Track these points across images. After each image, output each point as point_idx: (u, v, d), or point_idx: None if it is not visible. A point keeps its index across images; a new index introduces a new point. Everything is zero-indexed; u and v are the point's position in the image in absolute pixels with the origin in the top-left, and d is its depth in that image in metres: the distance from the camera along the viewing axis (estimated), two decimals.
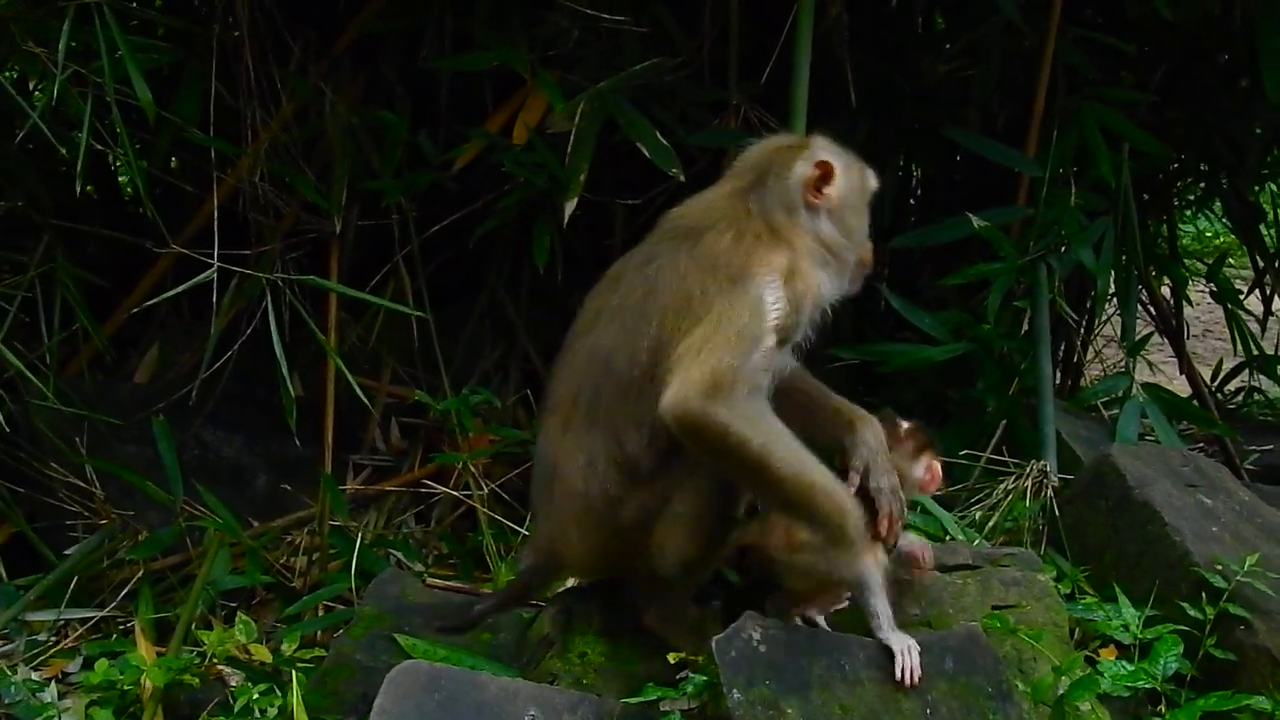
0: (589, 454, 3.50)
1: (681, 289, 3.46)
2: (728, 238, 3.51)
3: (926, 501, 4.52)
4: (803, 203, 3.60)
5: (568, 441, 3.56)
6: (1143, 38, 6.22)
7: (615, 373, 3.49)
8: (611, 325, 3.54)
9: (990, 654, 3.32)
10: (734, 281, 3.43)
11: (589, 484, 3.51)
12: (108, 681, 4.19)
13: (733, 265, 3.46)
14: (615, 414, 3.48)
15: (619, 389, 3.48)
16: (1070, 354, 6.99)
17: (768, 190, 3.60)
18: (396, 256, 5.69)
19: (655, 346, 3.43)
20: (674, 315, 3.44)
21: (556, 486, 3.59)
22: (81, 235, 5.67)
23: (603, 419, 3.50)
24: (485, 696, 3.28)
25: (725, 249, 3.49)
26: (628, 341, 3.48)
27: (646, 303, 3.49)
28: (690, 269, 3.48)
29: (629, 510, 3.48)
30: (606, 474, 3.49)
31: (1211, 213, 7.97)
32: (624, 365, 3.48)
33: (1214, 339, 10.21)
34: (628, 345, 3.48)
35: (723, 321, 3.37)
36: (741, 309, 3.39)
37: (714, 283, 3.44)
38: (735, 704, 3.12)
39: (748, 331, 3.37)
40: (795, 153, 3.67)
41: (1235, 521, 4.25)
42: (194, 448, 5.59)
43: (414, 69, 5.67)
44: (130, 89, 4.69)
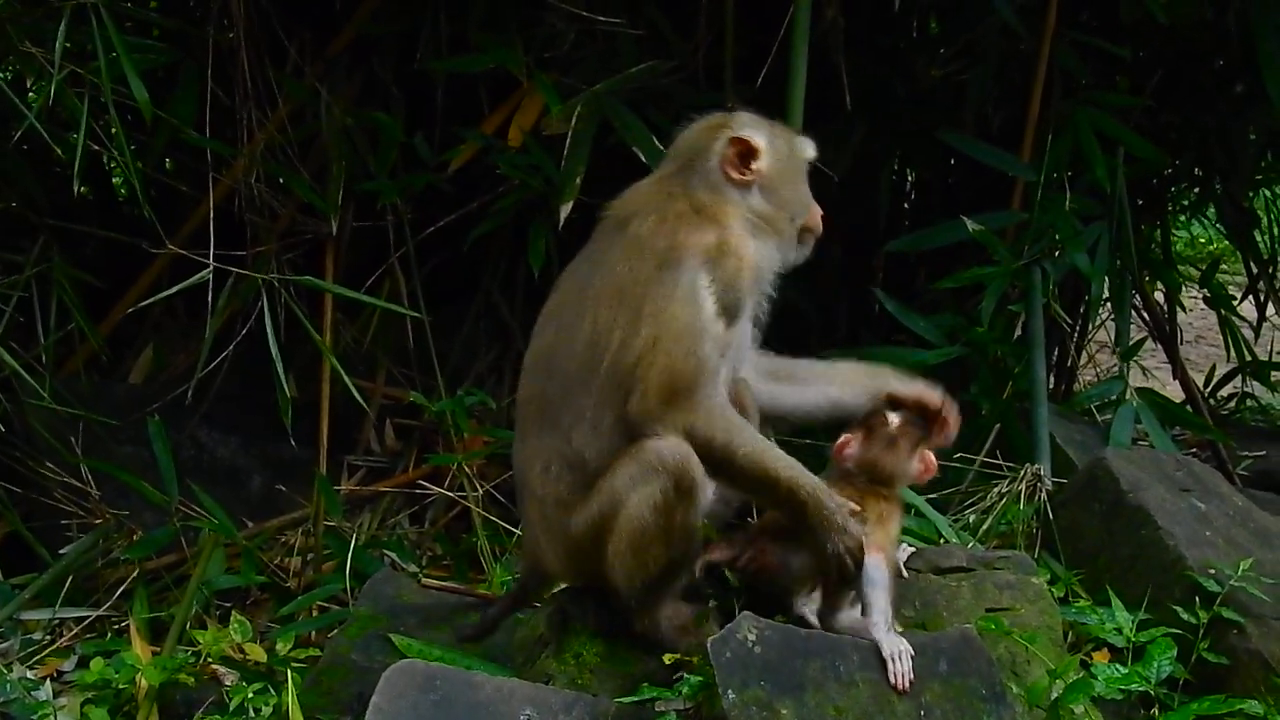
0: (545, 458, 3.53)
1: (612, 279, 3.50)
2: (651, 221, 3.53)
3: (921, 504, 4.52)
4: (726, 180, 3.61)
5: (529, 449, 3.59)
6: (1138, 42, 6.24)
7: (556, 372, 3.53)
8: (550, 326, 3.61)
9: (984, 656, 3.32)
10: (662, 267, 3.45)
11: (546, 489, 3.53)
12: (103, 680, 4.20)
13: (659, 249, 3.48)
14: (562, 412, 3.50)
15: (562, 387, 3.51)
16: (1064, 358, 7.00)
17: (694, 172, 3.63)
18: (392, 258, 5.69)
19: (591, 339, 3.47)
20: (608, 306, 3.47)
21: (525, 495, 3.63)
22: (77, 236, 5.67)
23: (551, 420, 3.53)
24: (480, 696, 3.28)
25: (650, 233, 3.51)
26: (565, 339, 3.53)
27: (581, 298, 3.53)
28: (619, 258, 3.52)
29: (578, 523, 3.48)
30: (560, 477, 3.50)
31: (1205, 218, 7.98)
32: (563, 363, 3.52)
33: (1206, 345, 10.22)
34: (565, 342, 3.52)
35: (666, 318, 3.40)
36: (678, 303, 3.42)
37: (643, 268, 3.46)
38: (730, 704, 3.12)
39: (691, 327, 3.41)
40: (716, 131, 3.68)
41: (1228, 526, 4.27)
42: (189, 448, 5.59)
43: (409, 71, 5.67)
44: (126, 89, 4.69)
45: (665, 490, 3.36)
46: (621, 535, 3.41)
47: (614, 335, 3.44)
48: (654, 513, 3.37)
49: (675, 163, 3.70)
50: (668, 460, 3.36)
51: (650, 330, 3.40)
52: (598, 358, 3.45)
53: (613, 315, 3.45)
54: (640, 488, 3.38)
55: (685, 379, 3.37)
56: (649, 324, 3.40)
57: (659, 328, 3.39)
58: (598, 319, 3.47)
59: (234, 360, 5.31)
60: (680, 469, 3.36)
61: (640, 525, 3.39)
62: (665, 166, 3.75)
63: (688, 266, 3.45)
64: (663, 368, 3.36)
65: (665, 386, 3.36)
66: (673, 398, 3.36)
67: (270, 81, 5.40)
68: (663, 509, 3.37)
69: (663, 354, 3.37)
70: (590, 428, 3.46)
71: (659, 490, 3.36)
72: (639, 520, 3.38)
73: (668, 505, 3.37)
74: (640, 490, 3.38)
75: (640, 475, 3.38)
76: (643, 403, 3.37)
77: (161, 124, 5.09)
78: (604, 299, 3.48)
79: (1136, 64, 6.31)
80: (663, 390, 3.36)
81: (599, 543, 3.45)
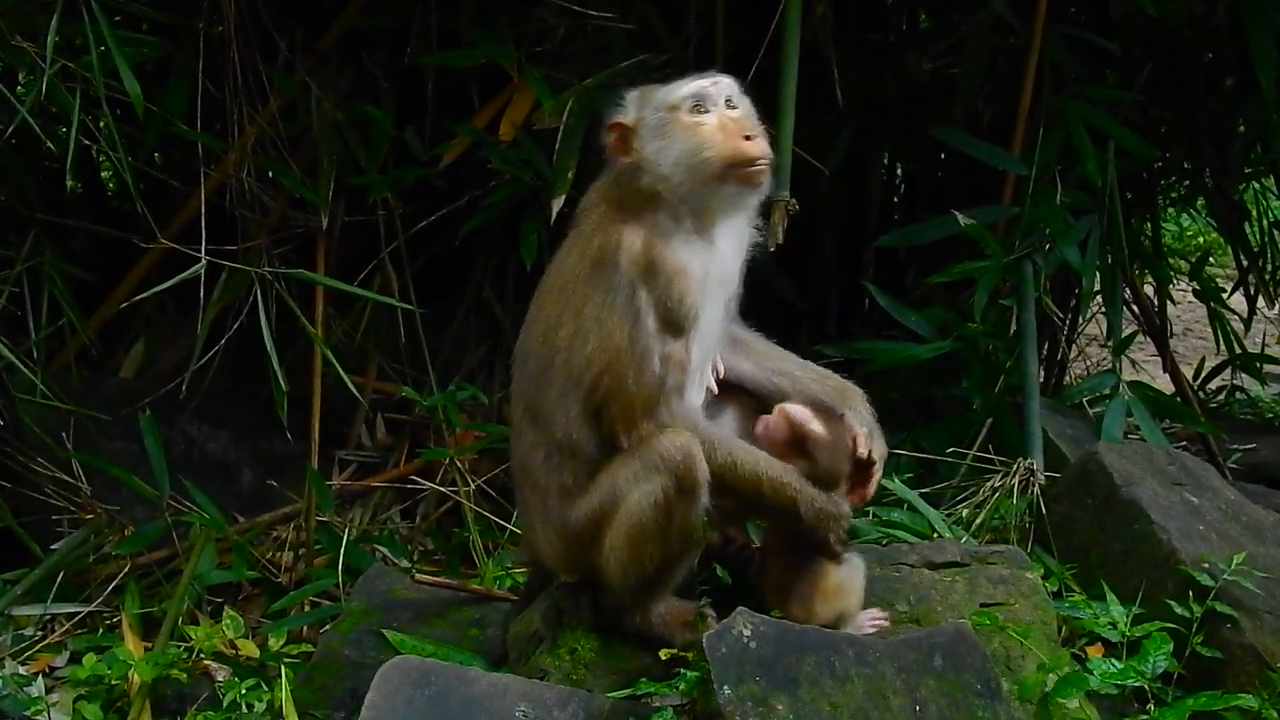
0: (545, 449, 3.54)
1: (559, 274, 3.57)
2: (593, 218, 3.57)
3: (914, 499, 4.53)
4: (627, 168, 3.56)
5: (526, 442, 3.61)
6: (1128, 37, 6.24)
7: (527, 370, 3.59)
8: (525, 328, 3.67)
9: (978, 651, 3.32)
10: (597, 267, 3.47)
11: (549, 478, 3.54)
12: (95, 676, 4.20)
13: (594, 247, 3.50)
14: (539, 405, 3.54)
15: (533, 382, 3.56)
16: (1055, 352, 7.01)
17: (610, 167, 3.65)
18: (383, 253, 5.68)
19: (544, 335, 3.53)
20: (553, 301, 3.54)
21: (526, 486, 3.64)
22: (67, 230, 5.65)
23: (534, 413, 3.57)
24: (475, 692, 3.28)
25: (590, 230, 3.55)
26: (527, 335, 3.62)
27: (540, 296, 3.61)
28: (566, 253, 3.59)
29: (579, 515, 3.49)
30: (563, 466, 3.51)
31: (1195, 211, 8.00)
32: (529, 360, 3.59)
33: (1195, 338, 10.25)
34: (528, 339, 3.61)
35: (606, 337, 3.41)
36: (618, 318, 3.42)
37: (583, 266, 3.50)
38: (725, 700, 3.12)
39: (635, 348, 3.41)
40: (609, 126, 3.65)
41: (1221, 520, 4.28)
42: (180, 443, 5.58)
43: (400, 65, 5.66)
44: (117, 84, 4.68)
45: (666, 488, 3.35)
46: (619, 530, 3.41)
47: (560, 332, 3.48)
48: (654, 510, 3.37)
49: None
50: (671, 458, 3.35)
51: (596, 347, 3.41)
52: (550, 353, 3.50)
53: (558, 310, 3.51)
54: (641, 484, 3.38)
55: (641, 402, 3.40)
56: (594, 339, 3.42)
57: (605, 349, 3.41)
58: (547, 314, 3.54)
59: (224, 355, 5.31)
60: (683, 468, 3.35)
61: (639, 521, 3.38)
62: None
63: (623, 276, 3.43)
64: (619, 396, 3.39)
65: (625, 412, 3.39)
66: (634, 421, 3.39)
67: (261, 76, 5.40)
68: (663, 507, 3.36)
69: (615, 380, 3.40)
70: (563, 417, 3.48)
71: (660, 488, 3.36)
72: (638, 516, 3.38)
73: (668, 503, 3.36)
74: (641, 486, 3.38)
75: (643, 471, 3.38)
76: (610, 425, 3.42)
77: (152, 118, 5.08)
78: (551, 293, 3.56)
79: (1126, 58, 6.31)
80: (624, 416, 3.39)
81: (596, 535, 3.45)
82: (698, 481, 3.37)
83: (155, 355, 5.85)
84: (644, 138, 3.55)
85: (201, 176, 5.19)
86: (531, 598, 3.80)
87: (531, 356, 3.58)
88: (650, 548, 3.41)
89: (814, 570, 3.53)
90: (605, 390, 3.41)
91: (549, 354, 3.50)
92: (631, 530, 3.40)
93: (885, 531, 4.35)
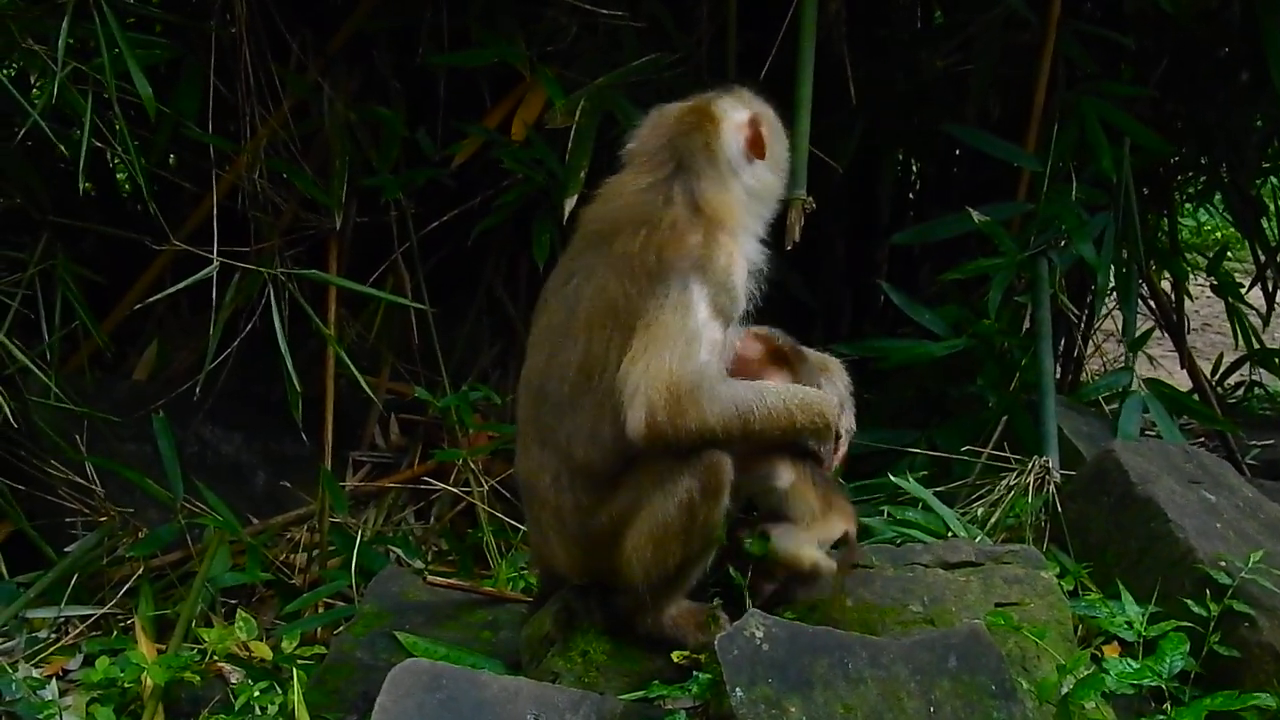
0: (553, 471, 3.51)
1: (603, 299, 3.43)
2: (641, 234, 3.44)
3: (928, 498, 4.51)
4: (747, 162, 3.59)
5: (531, 462, 3.57)
6: (1142, 32, 6.21)
7: (549, 396, 3.49)
8: (541, 351, 3.55)
9: (993, 652, 3.30)
10: (654, 279, 3.39)
11: (560, 496, 3.51)
12: (108, 679, 4.20)
13: (649, 264, 3.40)
14: (557, 433, 3.48)
15: (555, 410, 3.48)
16: (1070, 349, 6.98)
17: (694, 173, 3.54)
18: (395, 253, 5.67)
19: (584, 362, 3.42)
20: (600, 327, 3.41)
21: (534, 503, 3.61)
22: (80, 232, 5.66)
23: (549, 439, 3.50)
24: (486, 695, 3.26)
25: (641, 248, 3.42)
26: (555, 364, 3.48)
27: (570, 322, 3.47)
28: (609, 276, 3.43)
29: (599, 520, 3.47)
30: (573, 485, 3.48)
31: (1212, 206, 7.96)
32: (555, 387, 3.48)
33: (1213, 333, 10.21)
34: (556, 368, 3.48)
35: (657, 327, 3.35)
36: (671, 311, 3.37)
37: (634, 286, 3.40)
38: (738, 702, 3.10)
39: (686, 333, 3.36)
40: (713, 124, 3.60)
41: (1238, 518, 4.24)
42: (193, 445, 5.58)
43: (411, 65, 5.66)
44: (129, 86, 4.68)
45: (691, 490, 3.36)
46: (642, 530, 3.41)
47: (609, 357, 3.39)
48: (679, 510, 3.37)
49: (664, 166, 3.56)
50: (699, 460, 3.35)
51: (645, 344, 3.35)
52: (591, 380, 3.41)
53: (606, 337, 3.40)
54: (667, 484, 3.37)
55: (687, 385, 3.32)
56: (642, 337, 3.36)
57: (654, 342, 3.35)
58: (591, 343, 3.42)
59: (237, 357, 5.31)
60: (710, 469, 3.36)
61: (664, 521, 3.38)
62: (650, 169, 3.59)
63: (678, 273, 3.39)
64: (664, 381, 3.31)
65: (671, 399, 3.31)
66: (678, 404, 3.31)
67: (273, 77, 5.39)
68: (688, 507, 3.37)
69: (662, 368, 3.32)
70: (590, 440, 3.43)
71: (685, 489, 3.36)
72: (663, 516, 3.38)
73: (693, 504, 3.37)
74: (666, 486, 3.37)
75: (669, 472, 3.37)
76: (643, 413, 3.30)
77: (164, 120, 5.08)
78: (596, 323, 3.42)
79: (1141, 53, 6.28)
80: (670, 403, 3.30)
81: (617, 537, 3.45)
82: (723, 483, 3.38)
83: (168, 357, 5.85)
84: (770, 142, 3.64)
85: (213, 178, 5.19)
86: (544, 601, 3.79)
87: (561, 383, 3.46)
88: (673, 547, 3.41)
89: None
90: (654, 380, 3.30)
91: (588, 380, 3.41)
92: (655, 530, 3.40)
93: (900, 531, 4.33)
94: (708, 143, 3.57)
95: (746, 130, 3.60)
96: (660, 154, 3.58)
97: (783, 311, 3.79)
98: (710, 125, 3.59)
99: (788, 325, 3.91)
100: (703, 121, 3.60)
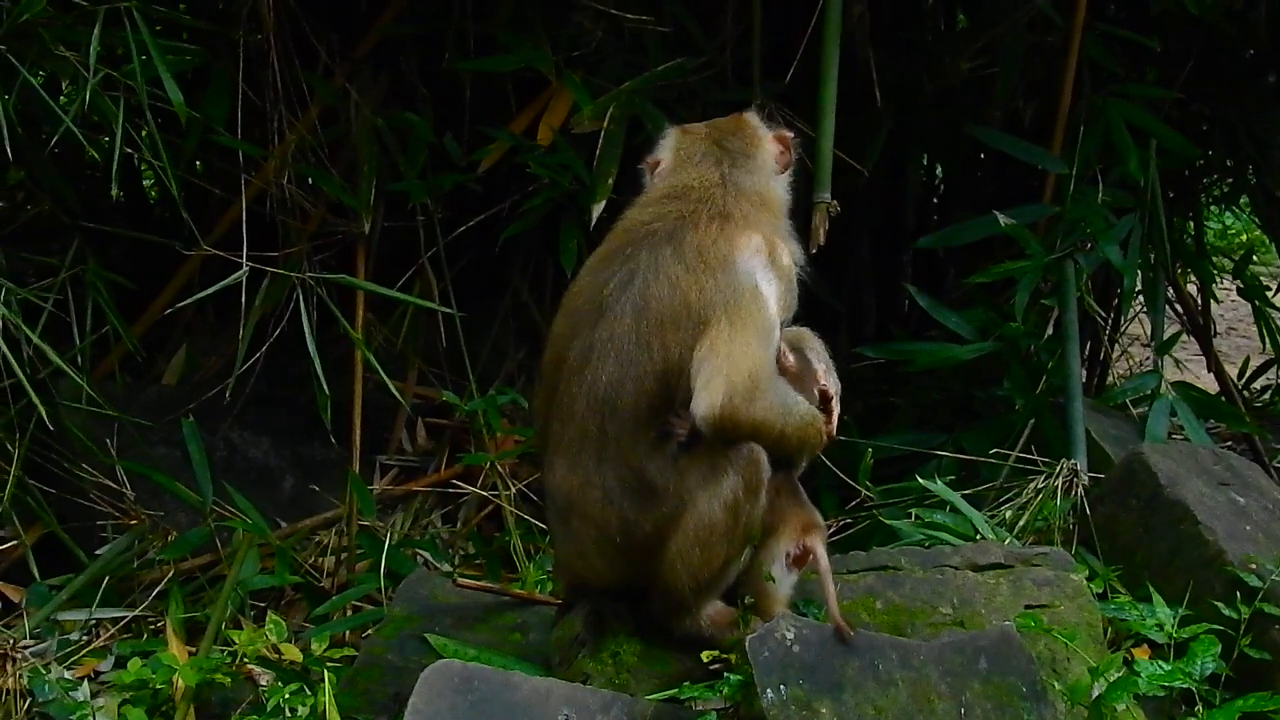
0: (603, 488, 3.48)
1: (675, 299, 3.42)
2: (714, 226, 3.49)
3: (957, 501, 4.50)
4: (776, 175, 3.71)
5: (578, 478, 3.52)
6: (1167, 33, 6.19)
7: (622, 410, 3.43)
8: (606, 360, 3.45)
9: (1024, 654, 3.30)
10: (726, 271, 3.43)
11: (606, 513, 3.49)
12: (140, 680, 4.22)
13: (721, 254, 3.45)
14: (627, 447, 3.44)
15: (630, 423, 3.43)
16: (1097, 352, 6.97)
17: (743, 176, 3.63)
18: (422, 258, 5.69)
19: (662, 370, 3.40)
20: (674, 328, 3.40)
21: (574, 518, 3.57)
22: (109, 238, 5.69)
23: (612, 454, 3.46)
24: (518, 697, 3.28)
25: (709, 243, 3.46)
26: (630, 373, 3.43)
27: (640, 326, 3.43)
28: (680, 274, 3.43)
29: (645, 529, 3.47)
30: (623, 501, 3.47)
31: (1238, 209, 7.93)
32: (631, 399, 3.42)
33: (1239, 336, 10.17)
34: (631, 378, 3.42)
35: (736, 319, 3.38)
36: (747, 303, 3.41)
37: (709, 280, 3.42)
38: (769, 704, 3.11)
39: (763, 326, 3.41)
40: (755, 134, 3.73)
41: (1268, 520, 4.23)
42: (222, 449, 5.61)
43: (437, 70, 5.68)
44: (159, 92, 4.71)
45: (735, 489, 3.40)
46: (688, 533, 3.43)
47: (686, 355, 3.39)
48: (724, 510, 3.41)
49: (712, 170, 3.62)
50: (739, 458, 3.39)
51: (728, 331, 3.37)
52: (671, 387, 3.40)
53: (681, 340, 3.39)
54: (710, 485, 3.40)
55: (765, 374, 3.38)
56: (722, 324, 3.37)
57: (739, 329, 3.37)
58: (668, 347, 3.40)
59: (266, 361, 5.33)
60: (751, 466, 3.40)
61: (710, 523, 3.41)
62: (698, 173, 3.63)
63: (751, 268, 3.45)
64: (748, 367, 3.33)
65: (750, 385, 3.32)
66: (755, 393, 3.33)
67: (300, 83, 5.42)
68: (732, 507, 3.41)
69: (748, 353, 3.35)
70: (668, 458, 3.43)
71: (729, 489, 3.40)
72: (709, 518, 3.41)
73: (737, 503, 3.41)
74: (710, 488, 3.40)
75: (711, 473, 3.40)
76: (721, 398, 3.30)
77: (193, 126, 5.11)
78: (670, 324, 3.40)
79: (1166, 55, 6.27)
80: (748, 389, 3.32)
81: (662, 543, 3.45)
82: (763, 479, 3.43)
83: (197, 362, 5.88)
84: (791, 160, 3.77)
85: (242, 183, 5.23)
86: (572, 605, 3.79)
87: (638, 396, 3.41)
88: (718, 548, 3.45)
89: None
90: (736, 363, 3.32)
91: (669, 387, 3.40)
92: (701, 532, 3.42)
93: (928, 534, 4.32)
94: (753, 152, 3.68)
95: (779, 145, 3.74)
96: (707, 160, 3.67)
97: (808, 314, 3.80)
98: (753, 135, 3.73)
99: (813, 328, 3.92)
100: (744, 130, 3.73)
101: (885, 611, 3.66)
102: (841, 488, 4.96)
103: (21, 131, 4.95)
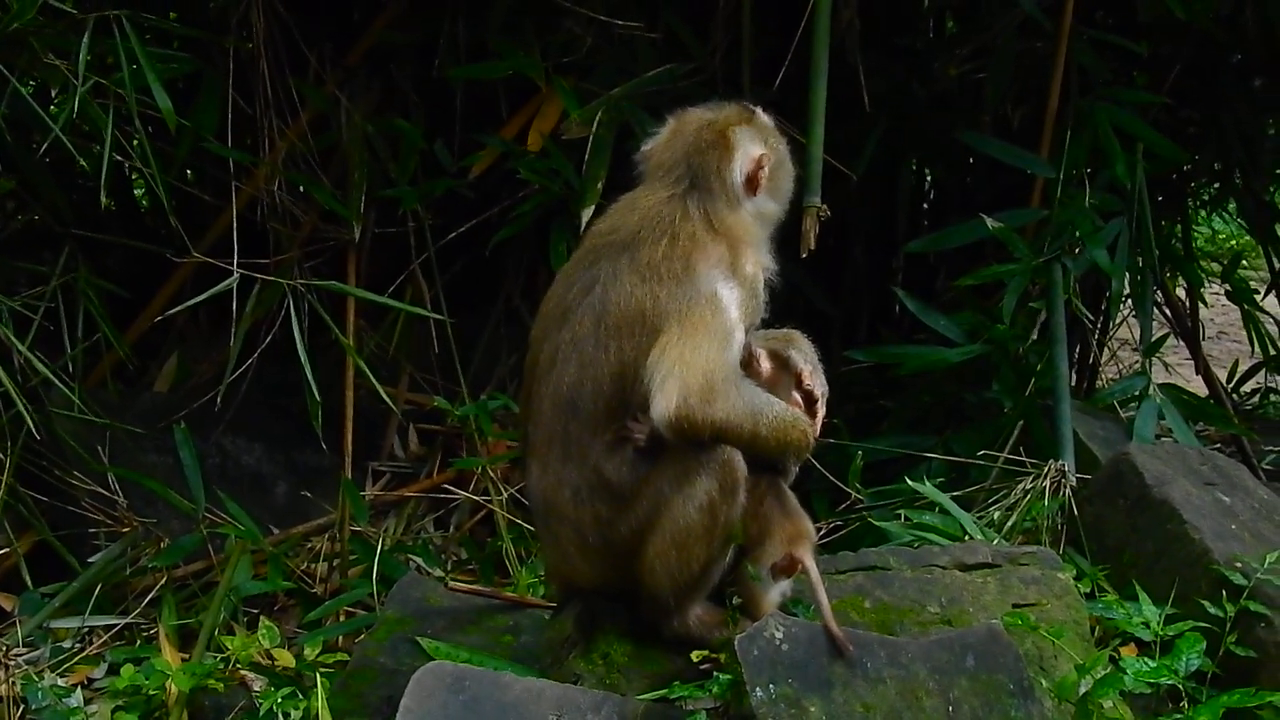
0: (573, 487, 3.51)
1: (631, 305, 3.45)
2: (664, 243, 3.49)
3: (945, 501, 4.53)
4: (747, 196, 3.64)
5: (550, 479, 3.56)
6: (1156, 38, 6.22)
7: (581, 410, 3.48)
8: (569, 363, 3.51)
9: (1011, 651, 3.32)
10: (681, 282, 3.44)
11: (580, 512, 3.52)
12: (133, 687, 4.24)
13: (675, 268, 3.45)
14: (587, 447, 3.48)
15: (589, 424, 3.48)
16: (1085, 355, 6.98)
17: (708, 192, 3.59)
18: (414, 264, 5.72)
19: (619, 372, 3.44)
20: (629, 334, 3.44)
21: (552, 519, 3.60)
22: (101, 246, 5.70)
23: (576, 454, 3.50)
24: (509, 697, 3.29)
25: (664, 254, 3.47)
26: (588, 375, 3.47)
27: (599, 330, 3.47)
28: (635, 283, 3.47)
29: (620, 531, 3.49)
30: (593, 499, 3.49)
31: (1226, 213, 7.96)
32: (589, 400, 3.47)
33: (1229, 340, 10.20)
34: (590, 379, 3.47)
35: (688, 324, 3.39)
36: (702, 309, 3.41)
37: (663, 289, 3.44)
38: (758, 702, 3.13)
39: (719, 331, 3.41)
40: (727, 151, 3.64)
41: (1254, 519, 4.25)
42: (214, 456, 5.63)
43: (428, 77, 5.70)
44: (149, 100, 4.73)
45: (709, 490, 3.39)
46: (665, 535, 3.43)
47: (640, 364, 3.41)
48: (700, 512, 3.40)
49: (680, 181, 3.62)
50: (712, 460, 3.38)
51: (680, 335, 3.38)
52: (626, 389, 3.43)
53: (636, 344, 3.42)
54: (685, 487, 3.40)
55: (720, 376, 3.37)
56: (675, 329, 3.39)
57: (690, 333, 3.38)
58: (623, 350, 3.44)
59: (257, 368, 5.35)
60: (725, 468, 3.39)
61: (686, 525, 3.41)
62: (666, 183, 3.64)
63: (708, 277, 3.46)
64: (701, 369, 3.34)
65: (705, 386, 3.34)
66: (711, 395, 3.34)
67: (291, 90, 5.44)
68: (708, 508, 3.40)
69: (699, 355, 3.36)
70: (627, 459, 3.46)
71: (703, 490, 3.39)
72: (684, 520, 3.41)
73: (713, 504, 3.40)
74: (685, 490, 3.40)
75: (684, 476, 3.40)
76: (675, 400, 3.32)
77: (184, 134, 5.12)
78: (625, 329, 3.44)
79: (1154, 60, 6.30)
80: (703, 390, 3.33)
81: (640, 546, 3.47)
82: (739, 480, 3.41)
83: (189, 369, 5.89)
84: (771, 176, 3.70)
85: (233, 191, 5.23)
86: (565, 607, 3.80)
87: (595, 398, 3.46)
88: (696, 550, 3.44)
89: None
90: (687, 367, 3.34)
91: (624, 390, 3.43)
92: (678, 535, 3.42)
93: (917, 534, 4.34)
94: (720, 167, 3.63)
95: (751, 167, 3.64)
96: (676, 170, 3.65)
97: (800, 319, 3.82)
98: (725, 151, 3.65)
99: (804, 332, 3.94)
100: (718, 144, 3.65)
101: (874, 610, 3.67)
102: (832, 490, 4.97)
103: (12, 140, 4.97)
